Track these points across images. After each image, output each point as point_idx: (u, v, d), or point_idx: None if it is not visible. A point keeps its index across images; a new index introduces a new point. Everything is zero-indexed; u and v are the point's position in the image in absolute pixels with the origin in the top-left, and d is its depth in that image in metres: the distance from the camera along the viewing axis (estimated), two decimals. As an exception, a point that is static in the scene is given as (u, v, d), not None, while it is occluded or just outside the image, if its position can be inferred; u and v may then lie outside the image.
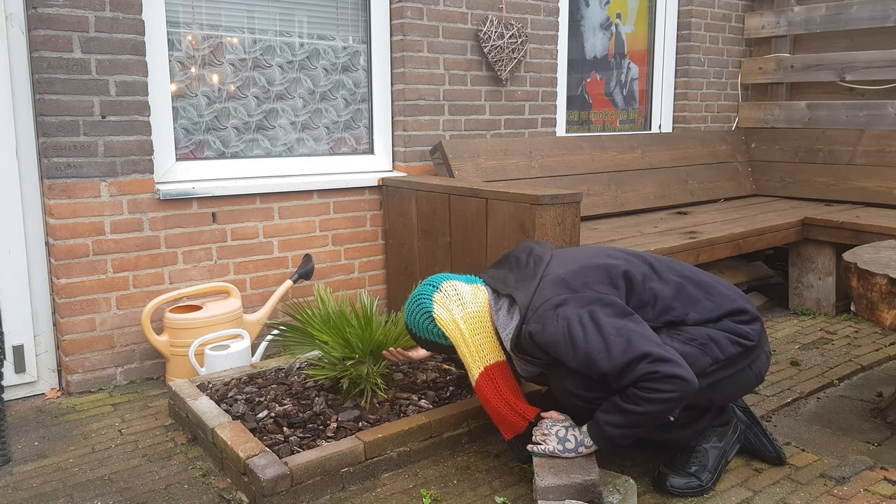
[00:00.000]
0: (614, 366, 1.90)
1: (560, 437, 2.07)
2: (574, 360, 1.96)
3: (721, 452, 2.17)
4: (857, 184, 4.54)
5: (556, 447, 2.05)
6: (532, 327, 2.02)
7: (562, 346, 1.97)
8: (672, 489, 2.10)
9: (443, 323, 2.21)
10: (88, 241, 2.90)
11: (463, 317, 2.20)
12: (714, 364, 2.04)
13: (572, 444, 2.05)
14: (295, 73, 3.49)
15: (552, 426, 2.10)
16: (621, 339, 1.92)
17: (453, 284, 2.26)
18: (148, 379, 3.11)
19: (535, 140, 4.03)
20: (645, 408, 1.90)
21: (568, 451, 2.04)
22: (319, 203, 3.49)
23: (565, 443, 2.05)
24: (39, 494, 2.15)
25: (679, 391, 1.88)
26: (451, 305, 2.21)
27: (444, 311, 2.21)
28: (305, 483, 2.05)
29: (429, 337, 2.26)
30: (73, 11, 2.74)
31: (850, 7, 4.71)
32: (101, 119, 2.85)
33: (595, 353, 1.92)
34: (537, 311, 2.03)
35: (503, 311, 2.20)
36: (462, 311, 2.21)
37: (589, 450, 2.03)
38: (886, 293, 2.32)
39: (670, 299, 2.10)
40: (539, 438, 2.10)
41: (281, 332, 2.65)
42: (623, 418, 1.94)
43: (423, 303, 2.24)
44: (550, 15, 4.14)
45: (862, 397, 2.84)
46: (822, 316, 3.97)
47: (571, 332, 1.96)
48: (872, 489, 2.12)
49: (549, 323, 2.00)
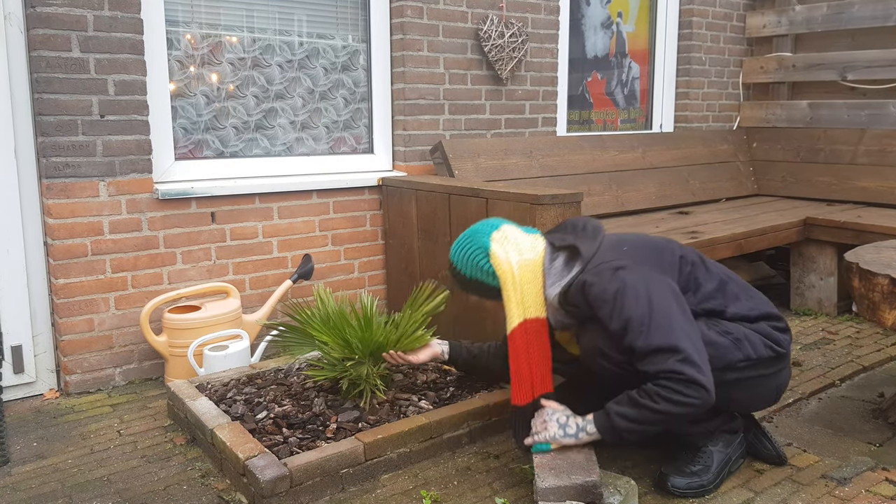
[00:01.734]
0: (646, 344, 1.92)
1: (560, 423, 2.08)
2: (614, 321, 1.97)
3: (726, 458, 2.16)
4: (858, 183, 4.53)
5: (557, 432, 2.06)
6: (589, 278, 2.03)
7: (609, 305, 1.98)
8: (674, 489, 2.09)
9: (498, 261, 2.18)
10: (87, 241, 2.89)
11: (518, 262, 2.17)
12: (745, 361, 2.07)
13: (573, 430, 2.05)
14: (294, 73, 3.48)
15: (552, 413, 2.11)
16: (664, 322, 1.94)
17: (512, 229, 2.25)
18: (147, 379, 3.10)
19: (536, 140, 4.02)
20: (661, 406, 1.91)
21: (569, 437, 2.05)
22: (319, 203, 3.48)
23: (566, 428, 2.06)
24: (38, 495, 2.14)
25: (698, 399, 1.90)
26: (508, 247, 2.19)
27: (501, 251, 2.18)
28: (305, 484, 2.05)
29: (475, 275, 2.23)
30: (71, 10, 2.73)
31: (851, 6, 4.70)
32: (99, 118, 2.85)
33: (635, 324, 1.94)
34: (597, 266, 2.05)
35: (559, 263, 2.19)
36: (518, 256, 2.18)
37: (591, 437, 2.03)
38: (888, 293, 2.31)
39: (713, 290, 2.14)
40: (539, 427, 2.10)
41: (280, 332, 2.64)
42: (637, 412, 1.95)
43: (479, 239, 2.22)
44: (551, 14, 4.13)
45: (863, 398, 2.84)
46: (824, 316, 3.96)
47: (623, 296, 1.97)
48: (874, 490, 2.11)
49: (605, 279, 2.01)
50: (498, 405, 2.48)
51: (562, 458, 2.02)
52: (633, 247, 2.14)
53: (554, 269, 2.19)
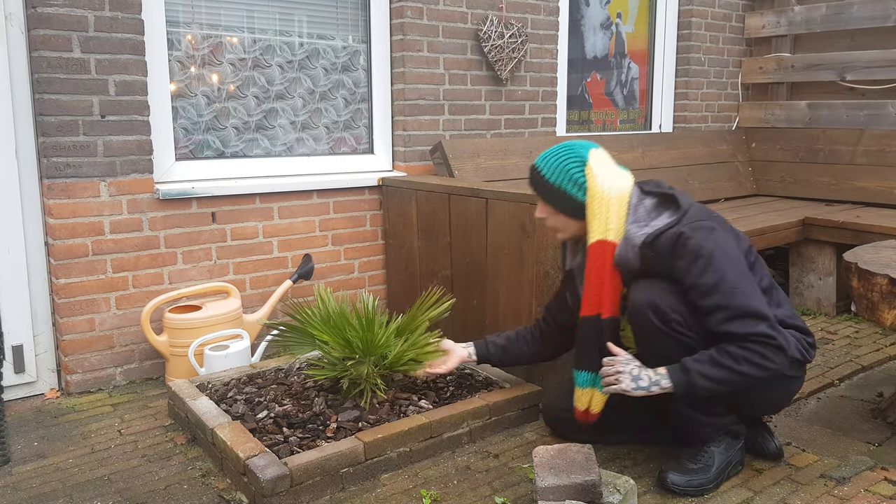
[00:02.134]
0: (739, 305, 1.96)
1: (634, 375, 2.07)
2: (706, 277, 1.98)
3: (727, 461, 2.16)
4: (857, 184, 4.54)
5: (630, 384, 2.06)
6: (686, 230, 2.03)
7: (703, 261, 1.99)
8: (673, 486, 2.10)
9: (592, 175, 2.13)
10: (88, 241, 2.89)
11: (610, 184, 2.14)
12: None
13: (646, 383, 2.06)
14: (295, 73, 3.48)
15: (626, 364, 2.10)
16: (752, 289, 2.00)
17: (607, 156, 2.22)
18: (147, 379, 3.11)
19: (536, 140, 4.02)
20: (743, 368, 1.96)
21: (641, 389, 2.05)
22: (319, 203, 3.48)
23: (638, 381, 2.06)
24: (39, 495, 2.14)
25: (779, 366, 1.98)
26: (603, 168, 2.16)
27: (597, 165, 2.15)
28: (305, 483, 2.05)
29: (562, 184, 2.17)
30: (72, 11, 2.74)
31: (850, 7, 4.71)
32: (100, 119, 2.85)
33: (727, 285, 1.97)
34: (693, 221, 2.06)
35: (647, 205, 2.16)
36: (610, 177, 2.15)
37: (663, 390, 2.04)
38: (887, 293, 2.32)
39: (766, 288, 2.17)
40: (612, 377, 2.09)
41: (281, 332, 2.65)
42: (717, 372, 1.98)
43: (578, 151, 2.19)
44: (550, 14, 4.14)
45: (862, 397, 2.84)
46: (823, 316, 3.97)
47: (721, 255, 2.00)
48: (873, 489, 2.11)
49: (702, 236, 2.02)
50: (498, 405, 2.49)
51: (561, 458, 2.02)
52: (719, 219, 2.16)
53: (642, 208, 2.16)
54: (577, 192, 2.17)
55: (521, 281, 2.84)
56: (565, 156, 2.19)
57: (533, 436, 2.49)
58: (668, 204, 2.15)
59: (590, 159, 2.16)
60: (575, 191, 2.17)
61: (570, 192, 2.18)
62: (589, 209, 2.14)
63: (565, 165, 2.18)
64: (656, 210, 2.15)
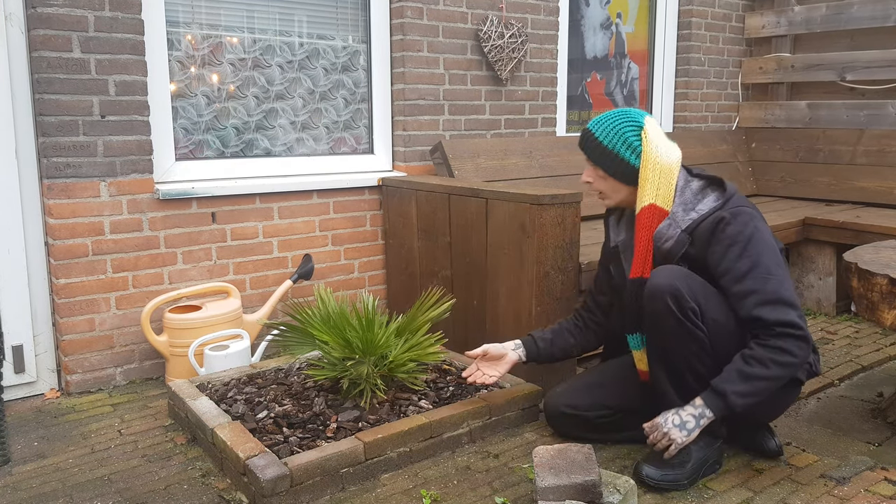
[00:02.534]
0: (772, 290, 1.99)
1: (676, 423, 2.07)
2: (733, 262, 2.03)
3: (704, 458, 2.15)
4: (857, 184, 4.54)
5: (681, 435, 2.06)
6: (727, 215, 2.06)
7: (739, 246, 2.03)
8: (648, 479, 2.10)
9: (648, 140, 2.15)
10: (88, 241, 2.89)
11: (665, 151, 2.17)
12: None
13: (693, 424, 2.06)
14: (295, 73, 3.48)
15: (665, 422, 2.09)
16: (785, 279, 2.03)
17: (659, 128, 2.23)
18: (147, 379, 3.11)
19: (536, 140, 4.02)
20: (773, 371, 1.98)
21: (692, 432, 2.06)
22: (319, 203, 3.49)
23: (685, 426, 2.06)
24: (39, 495, 2.14)
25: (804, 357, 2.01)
26: (657, 133, 2.19)
27: (652, 132, 2.17)
28: (305, 483, 2.05)
29: (616, 146, 2.18)
30: (72, 11, 2.74)
31: (850, 7, 4.71)
32: (100, 119, 2.85)
33: (762, 270, 2.01)
34: (735, 206, 2.09)
35: (694, 187, 2.19)
36: (663, 147, 2.18)
37: (709, 420, 2.05)
38: (887, 293, 2.32)
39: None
40: (662, 443, 2.09)
41: (281, 332, 2.65)
42: (750, 386, 1.99)
43: (634, 116, 2.20)
44: (550, 14, 4.14)
45: (862, 397, 2.84)
46: (823, 316, 3.97)
47: (754, 240, 2.03)
48: (873, 489, 2.11)
49: (741, 220, 2.05)
50: (497, 405, 2.49)
51: (561, 458, 2.02)
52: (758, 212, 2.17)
53: (689, 190, 2.19)
54: (630, 156, 2.17)
55: (521, 281, 2.84)
56: (621, 120, 2.19)
57: (533, 436, 2.49)
58: (714, 186, 2.18)
59: (646, 125, 2.17)
60: (629, 154, 2.17)
61: (623, 156, 2.18)
62: (642, 174, 2.16)
63: (620, 129, 2.18)
64: (702, 192, 2.18)
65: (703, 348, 2.07)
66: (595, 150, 2.23)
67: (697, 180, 2.22)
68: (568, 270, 2.83)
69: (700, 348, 2.06)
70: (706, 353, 2.07)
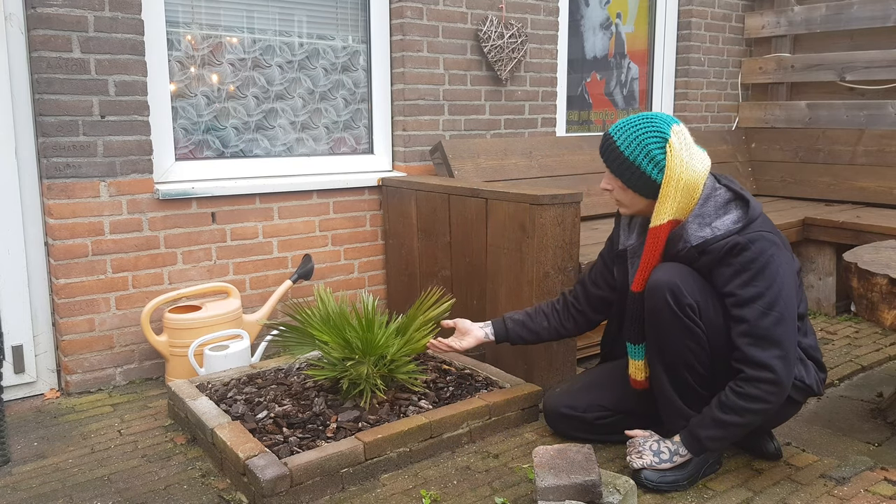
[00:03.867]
0: (762, 326, 1.95)
1: (654, 450, 2.13)
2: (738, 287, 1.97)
3: (703, 460, 2.16)
4: (857, 184, 4.54)
5: (653, 459, 2.11)
6: (743, 241, 1.97)
7: (748, 274, 1.97)
8: (646, 482, 2.11)
9: (673, 153, 2.00)
10: (88, 242, 2.89)
11: (688, 163, 2.02)
12: (797, 381, 2.11)
13: (667, 455, 2.11)
14: (294, 73, 3.48)
15: (645, 442, 2.16)
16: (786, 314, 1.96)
17: (688, 133, 2.09)
18: (147, 379, 3.11)
19: (535, 140, 4.02)
20: (748, 420, 2.01)
21: (664, 462, 2.11)
22: (319, 203, 3.49)
23: (660, 454, 2.12)
24: (39, 495, 2.14)
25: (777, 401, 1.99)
26: (683, 145, 2.04)
27: (678, 144, 2.02)
28: (305, 483, 2.05)
29: (638, 159, 2.05)
30: (72, 11, 2.74)
31: (850, 7, 4.71)
32: (100, 119, 2.85)
33: (763, 303, 1.95)
34: (756, 233, 1.99)
35: (717, 201, 2.07)
36: (689, 158, 2.03)
37: (684, 458, 2.11)
38: (887, 293, 2.32)
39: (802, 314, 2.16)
40: (635, 456, 2.15)
41: (281, 332, 2.65)
42: (726, 432, 2.04)
43: (659, 125, 2.05)
44: (550, 15, 4.14)
45: (862, 397, 2.84)
46: (823, 316, 3.97)
47: (768, 273, 1.95)
48: (873, 489, 2.11)
49: (757, 248, 1.96)
50: (497, 405, 2.49)
51: (561, 458, 2.02)
52: (780, 236, 2.09)
53: (712, 201, 2.07)
54: (653, 171, 2.05)
55: (521, 281, 2.84)
56: (645, 129, 2.05)
57: (533, 436, 2.49)
58: (738, 203, 2.08)
59: (672, 136, 2.02)
60: (651, 168, 2.05)
61: (645, 170, 2.05)
62: (664, 190, 2.03)
63: (644, 141, 2.04)
64: (725, 207, 2.06)
65: (701, 345, 2.06)
66: (616, 160, 2.10)
67: (725, 191, 2.10)
68: (568, 270, 2.83)
69: (697, 345, 2.06)
70: (704, 350, 2.07)
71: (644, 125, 2.07)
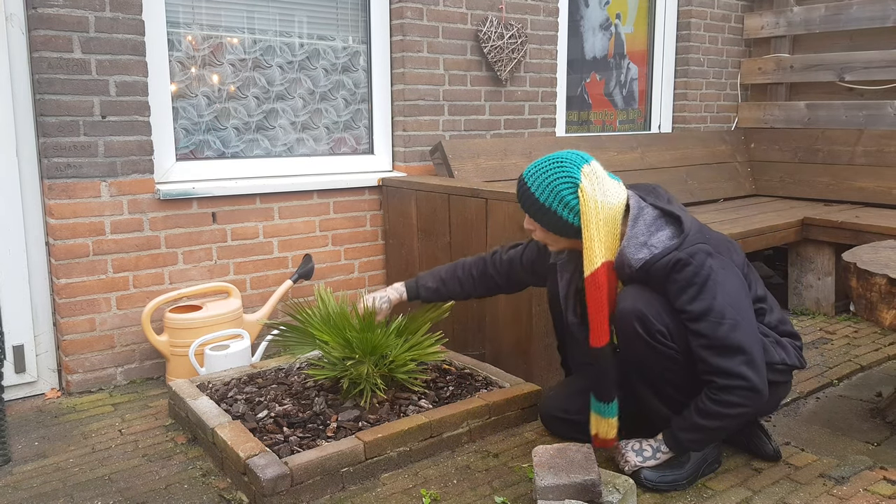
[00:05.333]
0: (721, 336, 1.95)
1: (636, 450, 2.16)
2: (695, 304, 1.96)
3: (702, 458, 2.17)
4: (856, 184, 4.55)
5: (636, 460, 2.14)
6: (683, 257, 1.97)
7: (694, 289, 1.96)
8: (646, 482, 2.11)
9: (586, 197, 2.01)
10: (89, 241, 2.90)
11: (602, 203, 2.03)
12: (780, 364, 2.12)
13: (650, 453, 2.14)
14: (295, 74, 3.49)
15: (626, 445, 2.19)
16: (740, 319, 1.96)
17: (600, 168, 2.09)
18: (148, 379, 3.11)
19: (535, 140, 4.03)
20: (724, 423, 2.04)
21: (648, 459, 2.14)
22: (319, 203, 3.49)
23: (643, 453, 2.15)
24: (39, 494, 2.15)
25: (754, 406, 2.00)
26: (596, 186, 2.03)
27: (590, 188, 2.02)
28: (305, 483, 2.06)
29: (553, 205, 2.06)
30: (73, 12, 2.74)
31: (849, 7, 4.71)
32: (101, 119, 2.86)
33: (715, 315, 1.95)
34: (693, 245, 1.99)
35: (646, 220, 2.07)
36: (603, 197, 2.03)
37: (667, 455, 2.14)
38: (886, 293, 2.32)
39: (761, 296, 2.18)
40: (621, 461, 2.18)
41: (281, 331, 2.65)
42: (703, 436, 2.09)
43: (569, 168, 2.05)
44: (550, 15, 4.15)
45: (861, 397, 2.85)
46: (822, 316, 3.98)
47: (708, 284, 1.95)
48: (872, 489, 2.12)
49: (698, 263, 1.96)
50: (497, 405, 2.49)
51: (561, 457, 2.03)
52: (713, 235, 2.10)
53: (641, 221, 2.07)
54: (568, 216, 2.06)
55: (521, 281, 2.84)
56: (555, 174, 2.06)
57: (533, 435, 2.50)
58: (668, 219, 2.08)
59: (582, 180, 2.03)
60: (566, 213, 2.06)
61: (562, 216, 2.07)
62: (585, 234, 2.04)
63: (556, 187, 2.05)
64: (655, 224, 2.07)
65: (678, 364, 2.06)
66: (532, 205, 2.11)
67: (651, 209, 2.09)
68: (567, 270, 2.83)
69: (675, 364, 2.06)
70: (681, 366, 2.07)
71: (554, 169, 2.07)
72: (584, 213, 2.02)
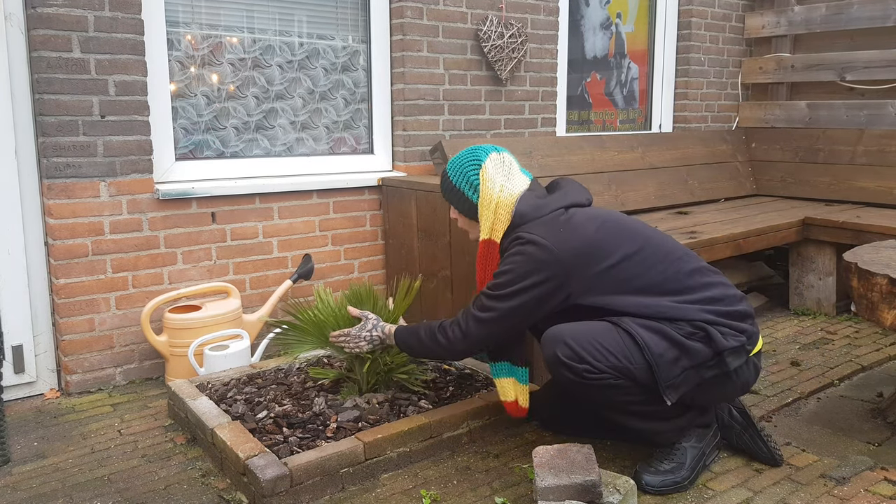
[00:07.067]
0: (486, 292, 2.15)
1: (367, 339, 2.39)
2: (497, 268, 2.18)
3: (699, 453, 2.17)
4: (857, 184, 4.54)
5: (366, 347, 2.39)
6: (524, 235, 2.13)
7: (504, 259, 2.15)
8: (648, 487, 2.11)
9: (486, 177, 2.22)
10: (88, 242, 2.89)
11: (501, 187, 2.22)
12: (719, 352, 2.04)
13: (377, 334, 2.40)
14: (294, 73, 3.48)
15: (360, 330, 2.39)
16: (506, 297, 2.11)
17: (512, 162, 2.30)
18: (147, 379, 3.11)
19: (535, 140, 4.02)
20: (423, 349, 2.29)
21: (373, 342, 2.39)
22: (319, 203, 3.49)
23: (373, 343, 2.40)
24: (39, 495, 2.14)
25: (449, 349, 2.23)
26: (499, 171, 2.24)
27: (492, 168, 2.24)
28: (305, 483, 2.05)
29: (460, 182, 2.28)
30: (72, 11, 2.74)
31: (850, 7, 4.71)
32: (100, 119, 2.85)
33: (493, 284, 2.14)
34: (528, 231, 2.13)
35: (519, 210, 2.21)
36: (504, 182, 2.23)
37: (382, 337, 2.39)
38: (887, 293, 2.32)
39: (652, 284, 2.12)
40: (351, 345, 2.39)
41: (283, 331, 2.65)
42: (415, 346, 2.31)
43: (479, 154, 2.28)
44: (550, 14, 4.14)
45: (862, 397, 2.84)
46: (823, 316, 3.97)
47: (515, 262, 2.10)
48: (873, 489, 2.12)
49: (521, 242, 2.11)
50: (497, 405, 2.49)
51: (561, 458, 2.02)
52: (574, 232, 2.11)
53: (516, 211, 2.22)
54: (472, 194, 2.27)
55: (521, 281, 2.83)
56: (467, 158, 2.29)
57: (533, 436, 2.50)
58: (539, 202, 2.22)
59: (486, 162, 2.24)
60: (470, 192, 2.27)
61: (466, 193, 2.28)
62: (480, 210, 2.24)
63: (463, 168, 2.28)
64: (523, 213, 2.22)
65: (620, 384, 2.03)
66: (448, 189, 2.33)
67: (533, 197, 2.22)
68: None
69: (617, 387, 2.03)
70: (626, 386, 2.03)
71: (467, 155, 2.30)
72: (482, 191, 2.23)
